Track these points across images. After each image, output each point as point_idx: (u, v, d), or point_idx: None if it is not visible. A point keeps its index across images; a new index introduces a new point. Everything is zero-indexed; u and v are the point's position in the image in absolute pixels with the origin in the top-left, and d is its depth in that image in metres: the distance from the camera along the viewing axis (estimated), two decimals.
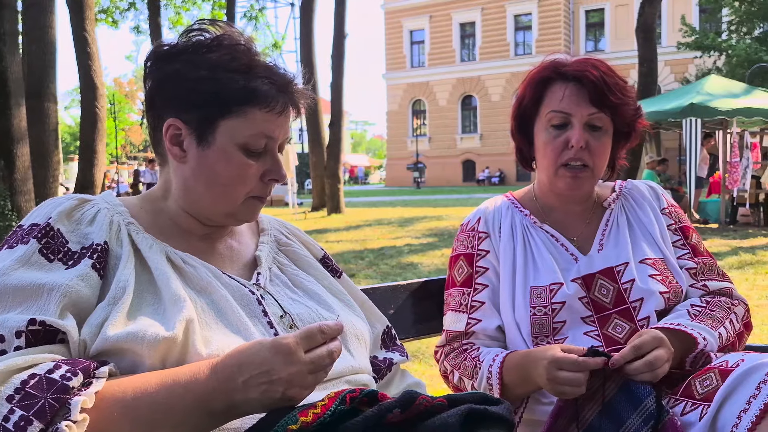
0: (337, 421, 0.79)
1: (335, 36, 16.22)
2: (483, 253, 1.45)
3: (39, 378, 0.79)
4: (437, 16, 37.99)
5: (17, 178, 7.16)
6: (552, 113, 1.38)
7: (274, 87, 1.02)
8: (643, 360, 1.16)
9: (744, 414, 1.08)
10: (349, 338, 1.09)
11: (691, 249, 1.46)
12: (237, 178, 1.02)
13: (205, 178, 1.02)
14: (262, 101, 1.00)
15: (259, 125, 1.01)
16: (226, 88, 0.99)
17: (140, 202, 1.08)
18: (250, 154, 1.02)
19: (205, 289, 0.99)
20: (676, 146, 15.92)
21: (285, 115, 1.04)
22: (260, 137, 1.01)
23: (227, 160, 1.00)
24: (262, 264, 1.11)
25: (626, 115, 1.39)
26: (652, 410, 1.13)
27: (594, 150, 1.37)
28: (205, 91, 0.99)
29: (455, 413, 0.80)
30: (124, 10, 19.53)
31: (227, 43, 1.01)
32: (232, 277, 1.04)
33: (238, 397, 0.82)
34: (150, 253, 0.98)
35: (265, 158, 1.04)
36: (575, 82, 1.37)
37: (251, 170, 1.02)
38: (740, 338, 1.38)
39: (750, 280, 5.97)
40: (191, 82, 0.99)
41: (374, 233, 10.92)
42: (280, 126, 1.03)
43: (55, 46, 8.66)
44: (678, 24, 24.69)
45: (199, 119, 1.00)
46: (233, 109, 0.99)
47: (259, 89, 1.00)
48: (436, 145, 38.50)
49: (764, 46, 21.05)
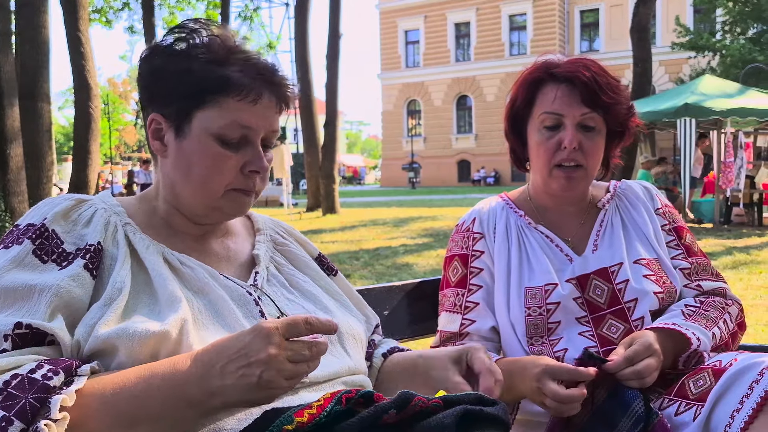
0: (332, 421, 0.79)
1: (330, 36, 16.20)
2: (477, 253, 1.45)
3: (21, 378, 0.79)
4: (432, 16, 38.02)
5: (10, 178, 7.14)
6: (544, 114, 1.39)
7: (248, 75, 1.00)
8: (632, 369, 1.17)
9: (737, 413, 1.09)
10: (345, 338, 1.08)
11: (685, 249, 1.46)
12: (213, 169, 1.00)
13: (182, 170, 1.02)
14: (234, 89, 0.99)
15: (232, 114, 0.99)
16: (200, 79, 0.99)
17: (137, 203, 1.08)
18: (226, 144, 1.00)
19: (203, 290, 0.98)
20: (671, 146, 15.99)
21: (262, 105, 1.01)
22: (234, 126, 1.00)
23: (202, 150, 1.00)
24: (260, 263, 1.11)
25: (619, 114, 1.40)
26: (640, 413, 1.14)
27: (587, 150, 1.37)
28: (181, 83, 0.99)
29: (451, 414, 0.80)
30: (118, 10, 19.48)
31: (204, 37, 1.02)
32: (229, 278, 1.04)
33: (215, 383, 0.81)
34: (147, 254, 0.98)
35: (246, 150, 1.02)
36: (567, 83, 1.37)
37: (229, 161, 1.00)
38: (734, 338, 1.38)
39: (744, 279, 5.99)
40: (169, 77, 1.00)
41: (369, 233, 10.91)
42: (257, 115, 1.01)
43: (48, 46, 8.63)
44: (672, 24, 24.80)
45: (177, 112, 1.01)
46: (207, 98, 0.99)
47: (232, 77, 0.99)
48: (431, 146, 38.54)
49: (758, 46, 21.16)
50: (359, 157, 76.28)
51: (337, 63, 16.28)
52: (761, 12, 21.74)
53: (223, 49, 1.01)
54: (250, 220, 1.21)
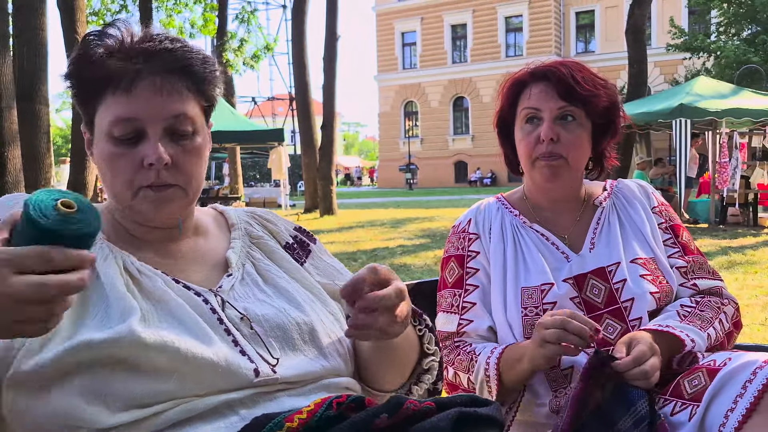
0: (323, 426, 0.78)
1: (327, 38, 16.19)
2: (473, 254, 1.46)
3: None
4: (428, 17, 38.01)
5: (8, 181, 7.11)
6: (525, 110, 1.41)
7: (122, 62, 0.93)
8: (640, 369, 1.18)
9: (731, 413, 1.09)
10: (320, 337, 1.01)
11: (681, 247, 1.47)
12: (112, 170, 0.96)
13: (101, 176, 1.00)
14: (110, 84, 0.93)
15: (113, 110, 0.94)
16: (90, 81, 0.95)
17: (104, 211, 1.04)
18: (119, 142, 0.94)
19: (162, 299, 0.94)
20: (666, 147, 16.02)
21: (141, 90, 0.93)
22: (117, 123, 0.93)
23: (100, 152, 0.97)
24: (232, 265, 1.05)
25: (598, 106, 1.40)
26: (644, 413, 1.14)
27: (566, 142, 1.38)
28: (81, 90, 0.98)
29: (446, 417, 0.80)
30: (116, 12, 19.41)
31: (100, 37, 0.96)
32: (188, 285, 0.98)
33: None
34: (103, 265, 0.94)
35: (143, 144, 0.94)
36: (544, 80, 1.39)
37: (122, 159, 0.94)
38: (729, 338, 1.39)
39: (740, 279, 6.00)
40: (74, 87, 0.98)
41: (367, 234, 10.91)
42: (137, 105, 0.93)
43: (46, 48, 8.60)
44: (667, 26, 24.82)
45: (87, 121, 1.00)
46: (98, 100, 0.96)
47: (108, 71, 0.93)
48: (428, 147, 38.51)
49: (752, 47, 21.19)
50: (356, 158, 76.22)
51: (334, 65, 16.26)
52: (755, 13, 21.78)
53: (109, 46, 0.95)
54: (224, 216, 1.15)
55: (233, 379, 0.91)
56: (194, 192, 1.01)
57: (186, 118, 0.97)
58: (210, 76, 1.00)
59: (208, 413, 0.88)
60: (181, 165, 0.96)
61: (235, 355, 0.93)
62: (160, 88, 0.94)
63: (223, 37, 18.71)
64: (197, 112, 0.99)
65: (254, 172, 34.60)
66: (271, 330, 0.99)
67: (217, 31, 18.50)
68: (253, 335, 0.97)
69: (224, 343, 0.94)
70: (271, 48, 24.45)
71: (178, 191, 0.97)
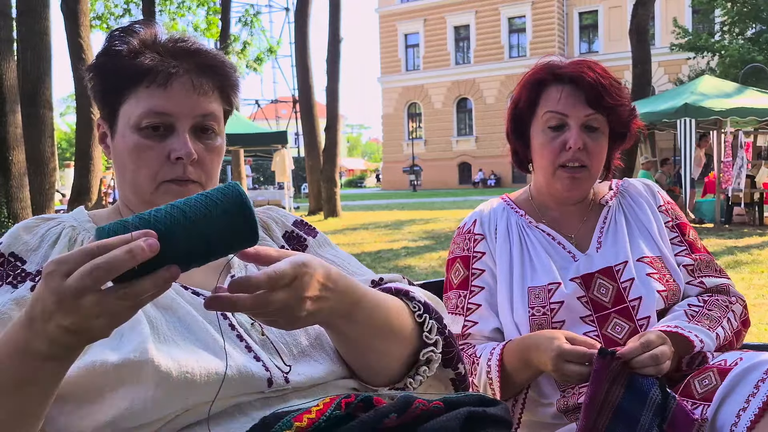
0: (332, 426, 0.78)
1: (330, 40, 16.22)
2: (479, 255, 1.45)
3: None
4: (431, 19, 38.06)
5: (13, 185, 7.14)
6: (549, 114, 1.38)
7: (157, 58, 0.96)
8: (648, 354, 1.16)
9: (743, 413, 1.09)
10: (326, 340, 1.00)
11: (688, 246, 1.46)
12: (137, 161, 0.97)
13: (119, 169, 1.00)
14: (144, 77, 0.96)
15: (146, 102, 0.96)
16: (118, 74, 0.97)
17: (108, 214, 1.05)
18: (147, 135, 0.96)
19: (170, 307, 0.93)
20: (671, 147, 15.97)
21: (176, 87, 0.96)
22: (149, 115, 0.96)
23: (125, 144, 0.98)
24: (234, 268, 1.04)
25: (622, 116, 1.40)
26: (659, 401, 1.13)
27: (591, 151, 1.37)
28: (105, 82, 0.99)
29: (455, 416, 0.80)
30: (119, 17, 19.50)
31: (128, 34, 0.99)
32: (196, 291, 0.97)
33: (38, 327, 0.70)
34: None
35: (171, 138, 0.97)
36: (571, 84, 1.37)
37: (151, 151, 0.96)
38: (738, 336, 1.38)
39: (746, 279, 5.98)
40: (96, 79, 1.00)
41: (371, 236, 10.91)
42: (171, 100, 0.96)
43: (50, 52, 8.64)
44: (671, 25, 24.80)
45: (108, 113, 1.00)
46: (125, 93, 0.97)
47: (142, 65, 0.96)
48: (431, 148, 38.53)
49: (756, 46, 21.17)
50: (360, 160, 76.30)
51: (337, 67, 16.29)
52: (759, 12, 21.76)
53: (140, 42, 0.98)
54: None
55: (246, 388, 0.90)
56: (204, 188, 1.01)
57: (213, 117, 1.00)
58: (235, 82, 1.03)
59: (218, 416, 0.88)
60: (205, 162, 0.99)
61: (248, 362, 0.91)
62: (195, 87, 0.97)
63: (226, 40, 18.75)
64: (221, 114, 1.03)
65: (258, 174, 34.69)
66: (281, 335, 0.97)
67: (220, 34, 18.58)
68: (264, 341, 0.96)
69: (237, 350, 0.92)
70: (274, 51, 24.55)
71: (198, 189, 0.98)
